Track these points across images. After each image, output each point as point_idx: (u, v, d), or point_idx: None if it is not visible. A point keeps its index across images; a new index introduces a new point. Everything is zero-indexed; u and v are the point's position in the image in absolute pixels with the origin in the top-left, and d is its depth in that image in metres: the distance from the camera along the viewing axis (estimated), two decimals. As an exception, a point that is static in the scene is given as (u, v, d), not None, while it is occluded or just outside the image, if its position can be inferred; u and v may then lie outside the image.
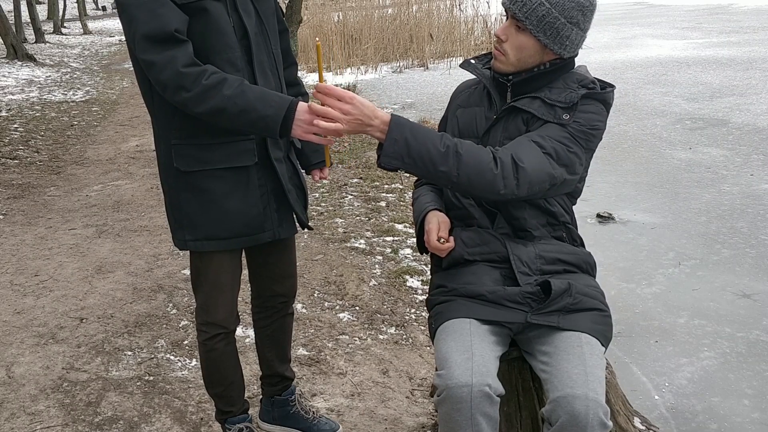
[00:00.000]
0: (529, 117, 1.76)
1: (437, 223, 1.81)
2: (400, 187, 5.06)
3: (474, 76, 1.92)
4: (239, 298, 3.31)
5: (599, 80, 1.82)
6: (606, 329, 1.73)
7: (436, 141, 1.58)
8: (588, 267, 1.86)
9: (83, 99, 10.30)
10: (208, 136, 1.78)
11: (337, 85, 2.02)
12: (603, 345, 1.69)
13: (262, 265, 2.14)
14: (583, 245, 1.91)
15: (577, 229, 1.89)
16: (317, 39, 1.85)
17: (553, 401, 1.52)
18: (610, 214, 4.51)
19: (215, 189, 1.83)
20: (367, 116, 1.57)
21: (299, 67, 12.32)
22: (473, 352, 1.61)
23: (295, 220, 2.03)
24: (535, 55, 1.74)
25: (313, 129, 1.67)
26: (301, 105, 1.68)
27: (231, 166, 1.82)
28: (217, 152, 1.80)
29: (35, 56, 14.42)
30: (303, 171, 2.10)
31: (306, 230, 2.12)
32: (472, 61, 1.90)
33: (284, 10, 7.37)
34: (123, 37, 3.91)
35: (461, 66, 1.91)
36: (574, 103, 1.73)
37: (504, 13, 1.77)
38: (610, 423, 1.52)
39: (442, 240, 1.76)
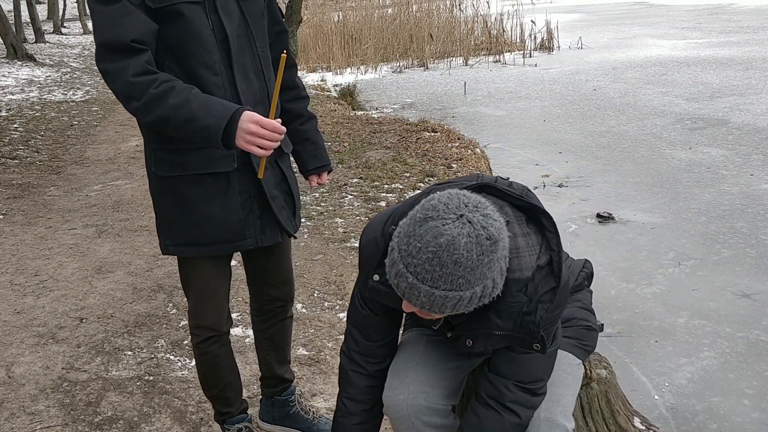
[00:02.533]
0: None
1: None
2: (400, 187, 5.06)
3: (378, 244, 1.51)
4: (240, 298, 3.32)
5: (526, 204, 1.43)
6: (585, 343, 1.71)
7: None
8: (581, 286, 1.80)
9: (83, 99, 10.30)
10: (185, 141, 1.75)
11: (336, 86, 1.98)
12: (578, 357, 1.68)
13: (258, 270, 2.11)
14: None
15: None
16: (284, 52, 1.69)
17: None
18: (610, 214, 4.51)
19: (193, 195, 1.80)
20: None
21: (299, 67, 12.36)
22: (418, 362, 1.63)
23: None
24: None
25: (256, 141, 1.61)
26: (246, 114, 1.62)
27: (209, 172, 1.78)
28: (194, 157, 1.76)
29: (35, 56, 14.41)
30: (295, 176, 2.05)
31: (292, 238, 2.05)
32: (382, 288, 1.50)
33: (284, 11, 7.36)
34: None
35: (369, 295, 1.54)
36: (538, 336, 1.42)
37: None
38: None
39: None
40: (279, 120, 1.67)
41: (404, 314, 1.69)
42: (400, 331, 1.79)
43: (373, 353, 1.67)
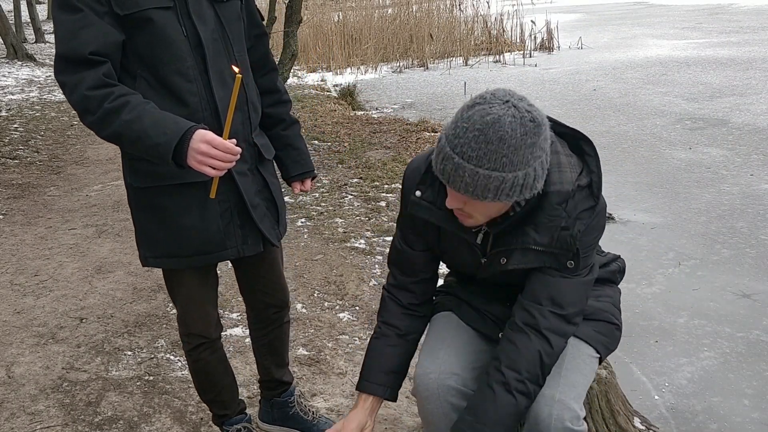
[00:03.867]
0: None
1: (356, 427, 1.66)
2: (400, 187, 5.06)
3: (426, 163, 1.59)
4: (240, 298, 3.32)
5: (563, 129, 1.52)
6: (609, 340, 1.72)
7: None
8: (613, 277, 1.83)
9: (83, 99, 10.30)
10: None
11: (336, 86, 1.97)
12: (599, 352, 1.68)
13: (248, 278, 2.09)
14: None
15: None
16: (237, 70, 1.57)
17: None
18: (610, 214, 4.51)
19: (171, 205, 1.77)
20: None
21: (299, 67, 12.30)
22: (450, 343, 1.66)
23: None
24: (506, 206, 1.46)
25: (207, 161, 1.55)
26: (198, 134, 1.56)
27: (186, 182, 1.74)
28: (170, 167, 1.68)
29: (35, 56, 14.41)
30: (279, 183, 2.01)
31: (275, 246, 1.99)
32: (424, 203, 1.58)
33: (285, 10, 7.35)
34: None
35: (410, 210, 1.61)
36: (574, 249, 1.48)
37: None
38: (580, 428, 1.51)
39: None
40: (233, 141, 1.60)
41: (438, 268, 1.78)
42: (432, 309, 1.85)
43: (409, 288, 1.74)
